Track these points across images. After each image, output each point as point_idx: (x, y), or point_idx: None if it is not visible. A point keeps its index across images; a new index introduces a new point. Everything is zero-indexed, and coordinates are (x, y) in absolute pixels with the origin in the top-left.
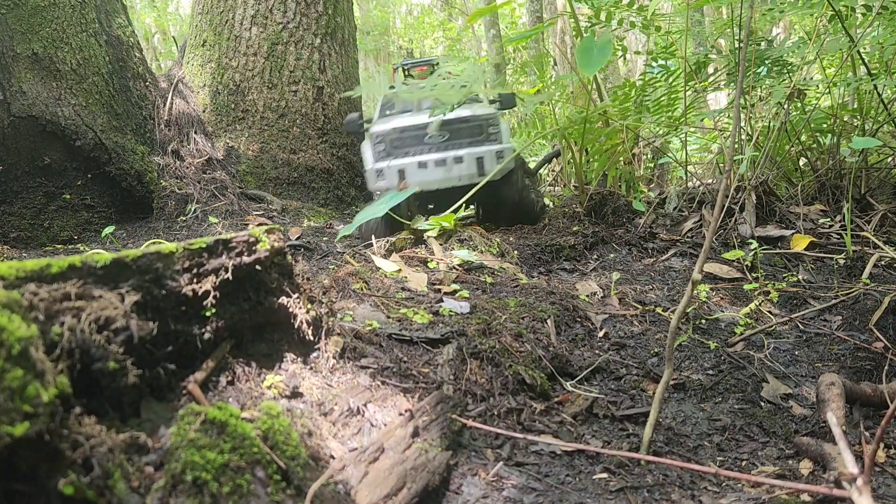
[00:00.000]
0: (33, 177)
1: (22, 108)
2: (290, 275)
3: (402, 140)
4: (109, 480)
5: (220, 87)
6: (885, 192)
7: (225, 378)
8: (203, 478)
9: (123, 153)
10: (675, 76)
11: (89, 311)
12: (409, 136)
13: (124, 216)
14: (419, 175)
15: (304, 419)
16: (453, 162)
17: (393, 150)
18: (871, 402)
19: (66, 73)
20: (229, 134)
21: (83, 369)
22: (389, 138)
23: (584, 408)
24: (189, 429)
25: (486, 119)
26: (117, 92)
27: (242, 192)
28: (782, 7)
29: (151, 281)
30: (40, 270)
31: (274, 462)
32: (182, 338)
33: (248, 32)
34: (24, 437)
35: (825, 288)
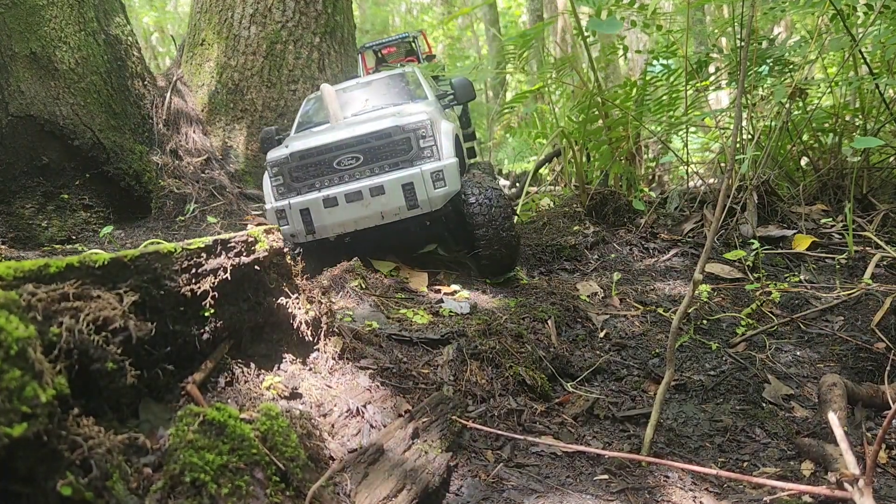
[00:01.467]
0: (31, 176)
1: (20, 108)
2: (289, 275)
3: (304, 169)
4: (108, 481)
5: (219, 86)
6: (886, 191)
7: (224, 379)
8: (202, 479)
9: (122, 153)
10: (676, 75)
11: (87, 311)
12: (313, 162)
13: (122, 216)
14: (328, 216)
15: (303, 420)
16: (370, 194)
17: (293, 184)
18: (872, 403)
19: (65, 73)
20: (228, 133)
21: (81, 370)
22: (287, 168)
23: (584, 409)
24: (188, 430)
25: (415, 129)
26: (116, 91)
27: (241, 192)
28: (783, 6)
29: (150, 281)
30: (38, 271)
31: (273, 463)
32: (181, 338)
33: (247, 31)
34: (22, 438)
35: (827, 288)
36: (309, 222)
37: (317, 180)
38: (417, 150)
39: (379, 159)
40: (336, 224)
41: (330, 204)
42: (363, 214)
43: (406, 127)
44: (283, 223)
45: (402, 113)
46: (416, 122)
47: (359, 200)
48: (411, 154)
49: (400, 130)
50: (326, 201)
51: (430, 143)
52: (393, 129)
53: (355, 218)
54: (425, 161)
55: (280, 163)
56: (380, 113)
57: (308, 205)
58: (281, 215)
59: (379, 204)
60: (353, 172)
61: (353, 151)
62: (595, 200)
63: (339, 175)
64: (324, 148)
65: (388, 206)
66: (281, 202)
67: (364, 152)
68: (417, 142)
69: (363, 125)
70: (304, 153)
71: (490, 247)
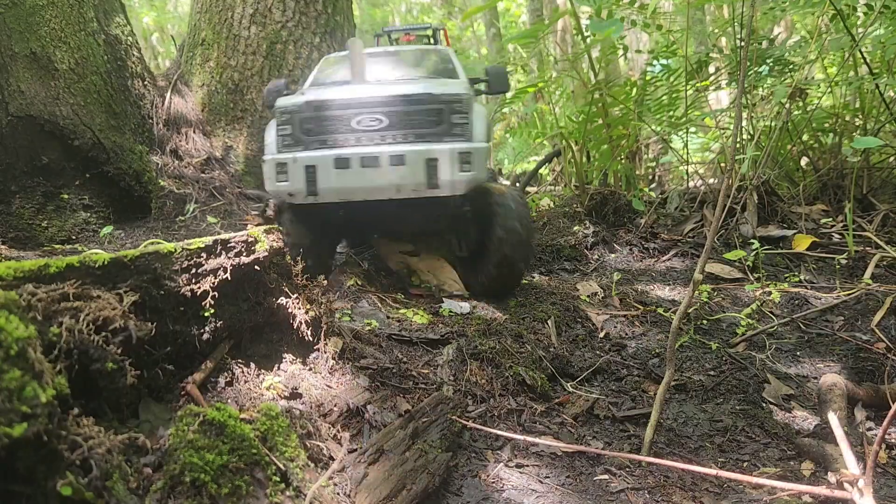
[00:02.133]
0: (31, 176)
1: (20, 108)
2: (289, 275)
3: (318, 121)
4: (108, 481)
5: (219, 86)
6: (886, 191)
7: (224, 379)
8: (202, 479)
9: (122, 153)
10: (676, 75)
11: (87, 311)
12: (329, 115)
13: (123, 216)
14: (336, 178)
15: (303, 420)
16: (389, 162)
17: (303, 137)
18: (872, 403)
19: (65, 73)
20: (228, 133)
21: (81, 370)
22: (299, 117)
23: (584, 409)
24: (188, 430)
25: (449, 101)
26: (116, 91)
27: (241, 192)
28: (783, 6)
29: (150, 281)
30: (38, 271)
31: (273, 463)
32: (181, 338)
33: (247, 31)
34: (22, 438)
35: (827, 288)
36: (313, 182)
37: (329, 137)
38: (448, 126)
39: (404, 126)
40: (344, 189)
41: (341, 165)
42: (376, 184)
43: (441, 97)
44: (281, 178)
45: (436, 83)
46: (451, 94)
47: (375, 167)
48: (440, 128)
49: (433, 99)
50: (338, 161)
51: (463, 121)
52: (426, 97)
53: (367, 186)
54: (455, 139)
55: (291, 110)
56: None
57: (316, 162)
58: (281, 169)
59: (396, 175)
60: (372, 135)
61: (377, 112)
62: (595, 200)
63: (356, 135)
64: (344, 102)
65: (405, 179)
66: (284, 155)
67: (389, 115)
68: (450, 116)
69: (391, 86)
70: (320, 104)
71: (503, 265)
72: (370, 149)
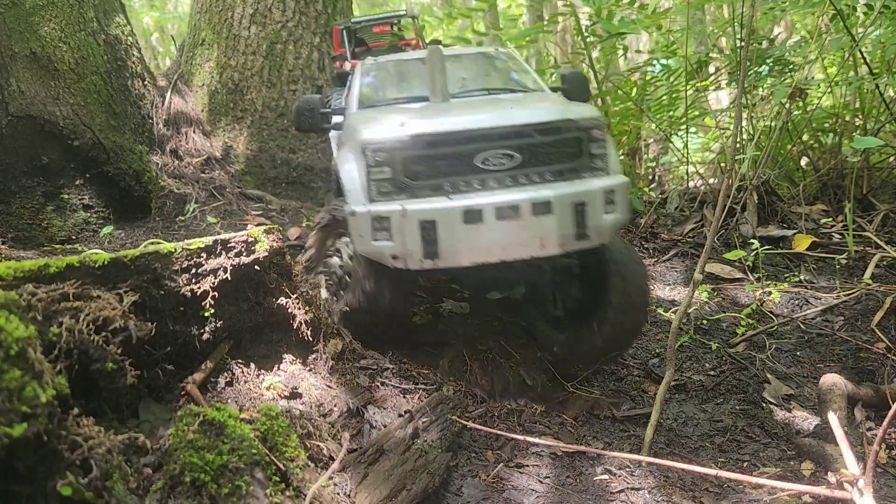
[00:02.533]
0: (31, 176)
1: (20, 108)
2: (289, 275)
3: (431, 161)
4: (108, 482)
5: (219, 86)
6: (886, 191)
7: (224, 379)
8: (202, 479)
9: (122, 153)
10: (676, 75)
11: (87, 311)
12: (447, 153)
13: (123, 216)
14: (465, 237)
15: (303, 420)
16: (532, 211)
17: (409, 182)
18: (872, 403)
19: (65, 73)
20: (228, 133)
21: (81, 370)
22: (404, 156)
23: (584, 409)
24: (188, 430)
25: (588, 127)
26: (116, 91)
27: (241, 192)
28: (783, 6)
29: (150, 281)
30: (38, 270)
31: (273, 463)
32: (181, 338)
33: (247, 31)
34: (22, 438)
35: (827, 288)
36: (432, 242)
37: (448, 181)
38: (587, 158)
39: (540, 163)
40: (475, 250)
41: (472, 219)
42: (517, 240)
43: (580, 122)
44: (381, 237)
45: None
46: (591, 118)
47: (514, 219)
48: (579, 162)
49: (571, 125)
50: (468, 214)
51: (603, 151)
52: (564, 123)
53: (505, 244)
54: (597, 174)
55: (392, 147)
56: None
57: (436, 216)
58: (382, 225)
59: (541, 227)
60: (502, 177)
61: (508, 146)
62: None
63: (481, 177)
64: (466, 135)
65: (552, 231)
66: (385, 206)
67: (521, 149)
68: (589, 145)
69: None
70: (434, 138)
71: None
72: (505, 195)
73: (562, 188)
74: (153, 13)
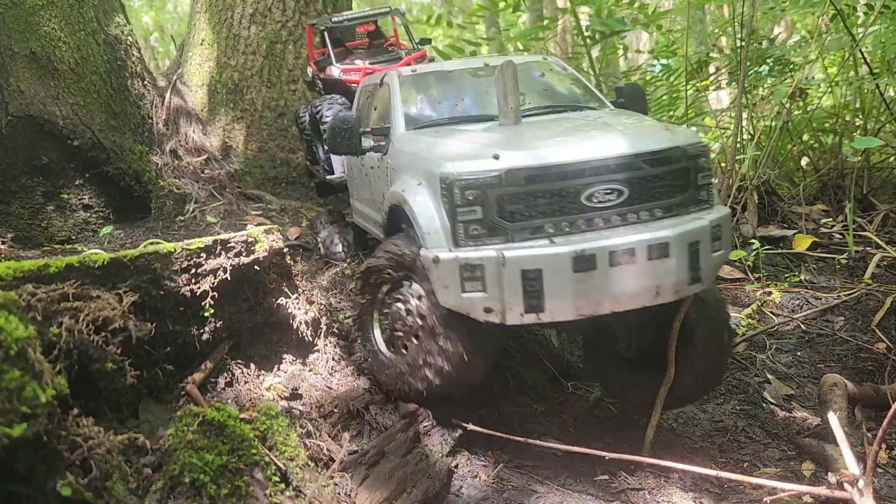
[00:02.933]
0: (31, 176)
1: (20, 108)
2: (288, 275)
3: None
4: (108, 482)
5: (219, 85)
6: (887, 191)
7: (223, 379)
8: (201, 480)
9: (121, 152)
10: (677, 75)
11: (87, 311)
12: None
13: (122, 216)
14: (575, 286)
15: (302, 420)
16: (648, 255)
17: (504, 224)
18: (873, 403)
19: (64, 73)
20: (228, 133)
21: (81, 370)
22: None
23: (585, 409)
24: (187, 430)
25: (696, 155)
26: (115, 91)
27: (241, 192)
28: (783, 5)
29: (150, 281)
30: (38, 271)
31: (273, 463)
32: (180, 338)
33: (247, 31)
34: (21, 439)
35: (827, 288)
36: (536, 293)
37: (550, 221)
38: (694, 190)
39: (649, 197)
40: (585, 301)
41: (583, 266)
42: (632, 289)
43: (688, 150)
44: (473, 288)
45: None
46: (697, 145)
47: (629, 264)
48: (688, 194)
49: (681, 155)
50: (579, 261)
51: (708, 180)
52: (673, 152)
53: (618, 294)
54: (702, 206)
55: (486, 183)
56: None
57: (542, 264)
58: (473, 274)
59: (658, 273)
60: (609, 215)
61: (616, 180)
62: None
63: (587, 217)
64: (572, 169)
65: (668, 277)
66: (476, 251)
67: (631, 183)
68: (696, 175)
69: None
70: (535, 172)
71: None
72: (617, 237)
73: (677, 226)
74: (153, 13)
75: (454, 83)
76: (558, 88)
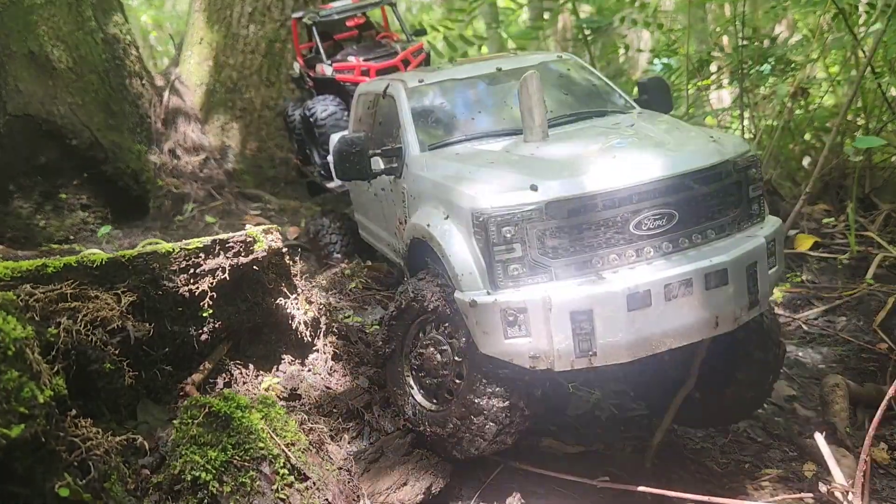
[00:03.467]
0: (29, 176)
1: (18, 107)
2: (287, 275)
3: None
4: (106, 483)
5: (218, 85)
6: (889, 191)
7: (222, 380)
8: (203, 478)
9: (120, 152)
10: (678, 74)
11: (85, 311)
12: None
13: (121, 216)
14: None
15: (300, 414)
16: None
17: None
18: (875, 403)
19: (62, 72)
20: (226, 132)
21: (79, 370)
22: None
23: (586, 409)
24: (192, 423)
25: (747, 166)
26: (114, 90)
27: (239, 191)
28: (785, 4)
29: (148, 281)
30: (36, 271)
31: (282, 454)
32: (179, 339)
33: (246, 30)
34: (19, 439)
35: (829, 288)
36: (587, 336)
37: (596, 255)
38: (746, 204)
39: (700, 218)
40: (641, 341)
41: (638, 303)
42: (690, 323)
43: (739, 162)
44: (517, 334)
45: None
46: (747, 155)
47: (686, 296)
48: (740, 210)
49: (732, 168)
50: (633, 299)
51: (759, 192)
52: (724, 166)
53: (676, 329)
54: (755, 221)
55: (524, 217)
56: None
57: (593, 304)
58: (516, 319)
59: (717, 302)
60: (659, 242)
61: (666, 203)
62: None
63: (636, 247)
64: (620, 195)
65: (728, 305)
66: (518, 293)
67: (680, 205)
68: (748, 188)
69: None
70: (579, 203)
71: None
72: (671, 267)
73: (733, 249)
74: (151, 11)
75: (466, 93)
76: (579, 91)
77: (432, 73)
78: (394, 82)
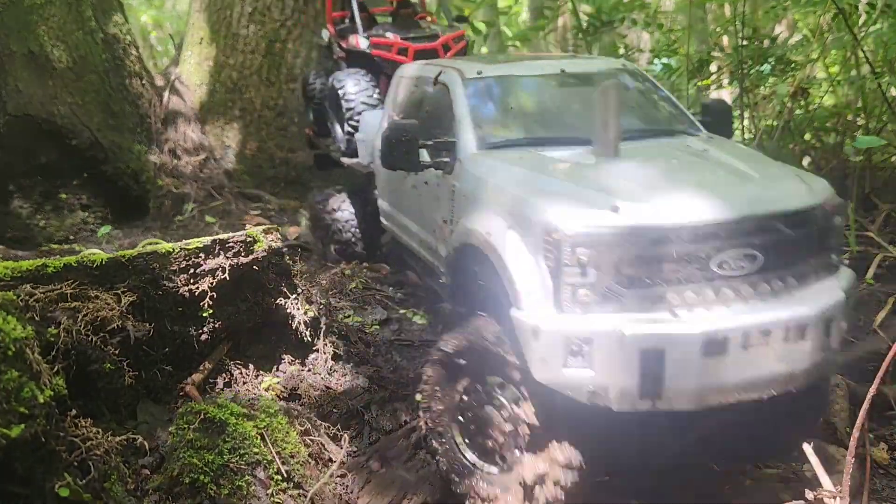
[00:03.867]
0: (29, 176)
1: (18, 107)
2: (287, 275)
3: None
4: (106, 483)
5: (218, 84)
6: (889, 191)
7: (222, 380)
8: (201, 480)
9: (120, 152)
10: (678, 74)
11: (85, 311)
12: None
13: (121, 216)
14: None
15: (301, 419)
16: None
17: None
18: (875, 403)
19: (62, 72)
20: (227, 132)
21: (79, 371)
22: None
23: None
24: (188, 429)
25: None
26: (114, 90)
27: (240, 191)
28: (785, 4)
29: (148, 281)
30: (36, 271)
31: (275, 461)
32: (179, 339)
33: (246, 30)
34: (19, 439)
35: None
36: (656, 377)
37: (673, 290)
38: (826, 253)
39: (784, 264)
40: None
41: (714, 349)
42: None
43: (828, 208)
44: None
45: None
46: (835, 202)
47: (762, 346)
48: (819, 258)
49: (820, 213)
50: (710, 344)
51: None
52: (815, 212)
53: (747, 382)
54: (832, 272)
55: (604, 242)
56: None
57: (666, 344)
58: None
59: (792, 357)
60: (739, 286)
61: (752, 244)
62: None
63: (715, 286)
64: (707, 230)
65: (804, 361)
66: (585, 322)
67: (767, 248)
68: (828, 233)
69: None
70: (664, 233)
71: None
72: (752, 314)
73: (815, 301)
74: (151, 11)
75: (529, 93)
76: (644, 105)
77: (490, 66)
78: (448, 70)
